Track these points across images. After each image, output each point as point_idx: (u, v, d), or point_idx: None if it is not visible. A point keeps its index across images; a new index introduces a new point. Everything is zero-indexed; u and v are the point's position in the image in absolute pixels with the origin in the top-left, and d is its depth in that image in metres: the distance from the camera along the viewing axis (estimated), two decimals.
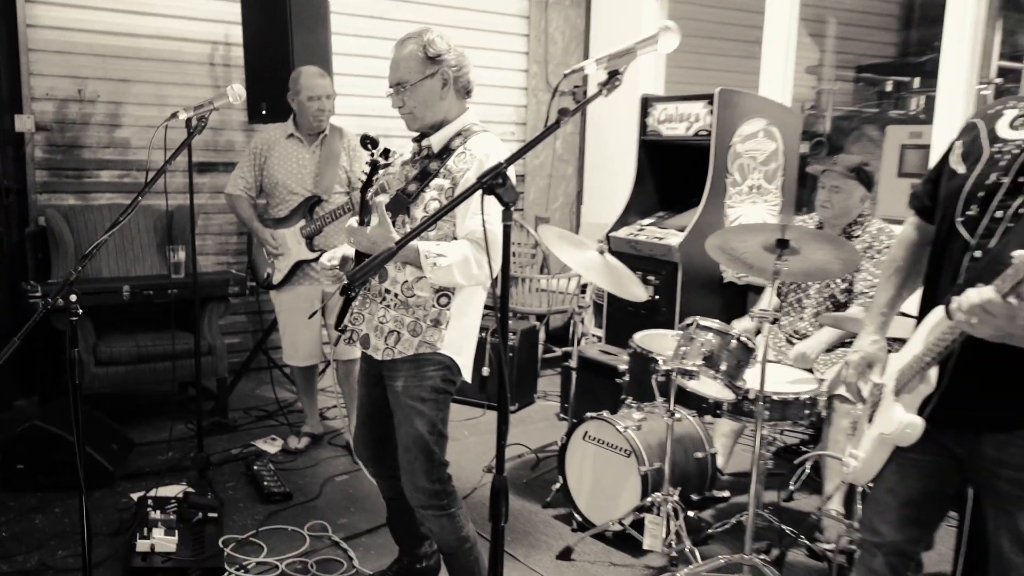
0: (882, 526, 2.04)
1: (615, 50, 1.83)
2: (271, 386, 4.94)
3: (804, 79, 6.86)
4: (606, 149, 6.36)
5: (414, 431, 2.44)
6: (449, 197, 2.35)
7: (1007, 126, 1.87)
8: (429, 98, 2.39)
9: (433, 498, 2.49)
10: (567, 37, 6.45)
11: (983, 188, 1.83)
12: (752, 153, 4.70)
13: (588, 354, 4.21)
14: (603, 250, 3.28)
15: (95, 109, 4.91)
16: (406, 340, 2.43)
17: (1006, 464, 1.82)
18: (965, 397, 1.83)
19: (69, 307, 2.25)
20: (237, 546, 3.17)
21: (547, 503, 3.60)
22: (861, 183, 3.42)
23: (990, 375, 1.79)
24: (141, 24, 4.94)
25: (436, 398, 2.46)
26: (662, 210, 5.09)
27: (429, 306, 2.43)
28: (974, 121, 1.96)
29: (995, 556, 1.90)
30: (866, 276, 3.35)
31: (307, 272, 3.97)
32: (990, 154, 1.86)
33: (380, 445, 2.68)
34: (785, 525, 3.18)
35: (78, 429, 2.30)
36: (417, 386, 2.44)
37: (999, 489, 1.85)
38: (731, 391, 3.03)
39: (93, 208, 4.78)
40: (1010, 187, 1.79)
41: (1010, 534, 1.85)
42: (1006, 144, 1.84)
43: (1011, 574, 1.86)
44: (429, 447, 2.45)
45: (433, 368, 2.44)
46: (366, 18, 5.56)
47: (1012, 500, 1.83)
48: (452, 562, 2.58)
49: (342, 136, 3.97)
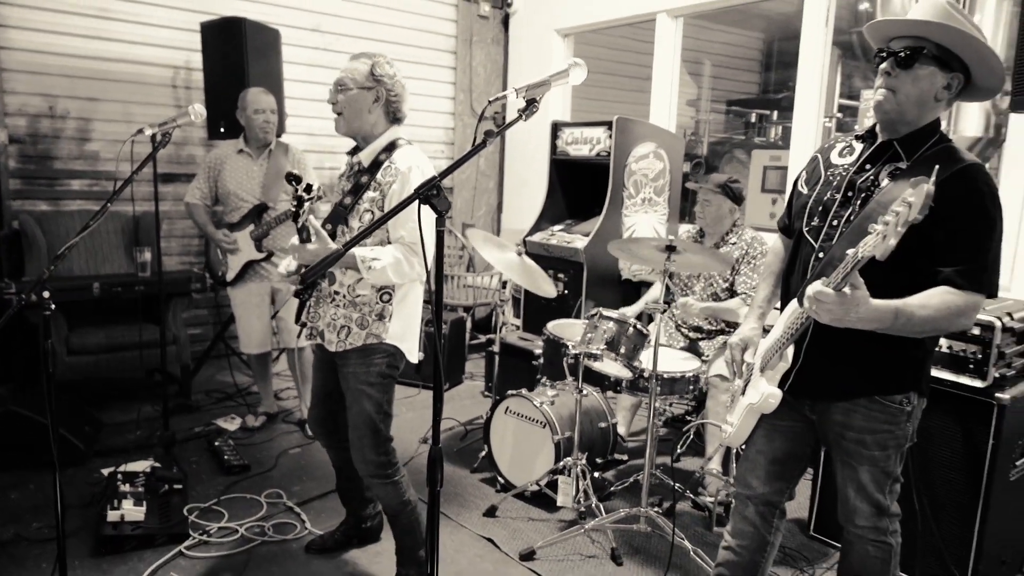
0: (753, 481, 2.09)
1: (532, 81, 1.82)
2: (230, 371, 4.79)
3: (685, 110, 7.02)
4: (522, 166, 6.37)
5: (363, 411, 2.41)
6: (380, 207, 2.33)
7: (837, 155, 1.99)
8: (359, 107, 2.36)
9: (379, 468, 2.46)
10: (488, 70, 6.44)
11: (821, 203, 1.93)
12: (644, 171, 4.78)
13: (508, 340, 4.22)
14: (520, 252, 3.29)
15: (66, 124, 4.67)
16: (355, 333, 2.40)
17: (850, 427, 1.90)
18: (815, 372, 1.90)
19: (42, 303, 2.14)
20: (200, 514, 3.06)
21: (474, 468, 3.59)
22: (728, 197, 3.44)
23: (834, 354, 1.86)
24: (109, 49, 4.72)
25: (382, 382, 2.43)
26: (570, 218, 5.13)
27: (373, 303, 2.39)
28: (815, 154, 2.07)
29: (842, 502, 1.98)
30: (744, 279, 3.39)
31: (257, 270, 3.88)
32: (826, 177, 1.96)
33: (331, 421, 2.64)
34: (674, 482, 3.25)
35: (52, 412, 2.20)
36: (365, 372, 2.41)
37: (845, 448, 1.92)
38: (629, 371, 3.08)
39: (64, 213, 4.55)
40: (841, 200, 1.88)
41: (854, 484, 1.93)
42: (836, 168, 1.95)
43: (854, 516, 1.95)
44: (376, 425, 2.42)
45: (379, 356, 2.41)
46: (313, 49, 5.46)
47: (855, 456, 1.91)
48: (396, 522, 2.54)
49: (287, 151, 3.89)
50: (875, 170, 1.86)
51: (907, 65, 1.77)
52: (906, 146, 1.83)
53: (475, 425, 4.10)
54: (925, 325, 1.70)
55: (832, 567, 2.78)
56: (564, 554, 2.88)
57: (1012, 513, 2.66)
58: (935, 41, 1.76)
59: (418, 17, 6.00)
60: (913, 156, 1.81)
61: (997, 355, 2.53)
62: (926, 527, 2.59)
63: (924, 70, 1.77)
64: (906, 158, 1.82)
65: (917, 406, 1.90)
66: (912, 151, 1.82)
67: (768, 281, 2.18)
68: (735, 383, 2.13)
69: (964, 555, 2.56)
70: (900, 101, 1.80)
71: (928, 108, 1.81)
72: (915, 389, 1.88)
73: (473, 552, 2.89)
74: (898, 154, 1.83)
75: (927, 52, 1.76)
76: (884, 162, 1.85)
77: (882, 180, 1.82)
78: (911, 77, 1.78)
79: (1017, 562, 2.80)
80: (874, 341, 1.77)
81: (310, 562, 2.78)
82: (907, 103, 1.79)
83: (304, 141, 5.28)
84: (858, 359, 1.85)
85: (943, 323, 1.72)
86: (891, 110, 1.81)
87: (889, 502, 1.93)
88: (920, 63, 1.77)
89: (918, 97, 1.79)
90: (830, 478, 2.85)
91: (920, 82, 1.78)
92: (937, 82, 1.79)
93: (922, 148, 1.81)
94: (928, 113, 1.82)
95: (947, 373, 2.61)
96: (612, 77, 6.57)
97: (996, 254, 1.75)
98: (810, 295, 1.63)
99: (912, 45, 1.77)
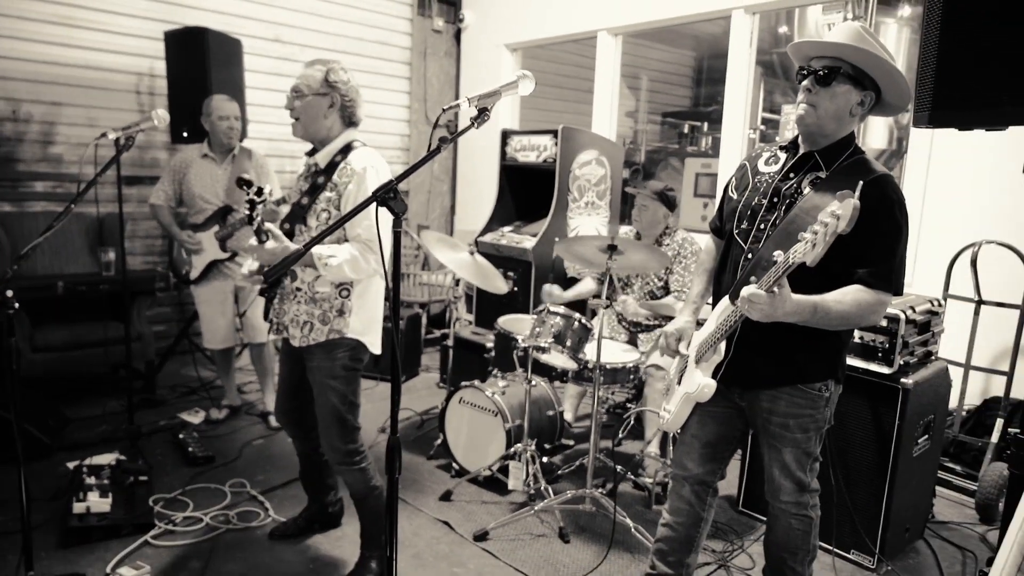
0: (688, 462, 2.12)
1: (484, 91, 1.80)
2: (194, 366, 4.64)
3: (624, 120, 7.09)
4: (474, 171, 6.34)
5: (329, 403, 2.37)
6: (336, 207, 2.28)
7: (764, 163, 2.02)
8: (314, 112, 2.30)
9: (347, 456, 2.41)
10: (441, 81, 6.38)
11: (750, 208, 1.95)
12: (587, 177, 4.79)
13: (462, 335, 4.19)
14: (472, 251, 3.26)
15: (29, 128, 4.43)
16: (318, 329, 2.34)
17: (775, 413, 1.93)
18: (744, 364, 1.93)
19: (5, 301, 2.02)
20: (166, 504, 2.95)
21: (431, 455, 3.55)
22: (663, 204, 3.45)
23: (761, 348, 1.90)
24: (72, 56, 4.50)
25: (346, 375, 2.38)
26: (519, 220, 5.11)
27: (333, 299, 2.34)
28: (744, 162, 2.10)
29: (768, 480, 2.01)
30: (677, 277, 3.42)
31: (220, 269, 3.77)
32: (753, 183, 1.99)
33: (297, 412, 2.58)
34: (616, 464, 3.27)
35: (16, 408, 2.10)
36: (330, 367, 2.35)
37: (771, 431, 1.96)
38: (575, 362, 3.09)
39: (28, 215, 4.33)
40: (768, 205, 1.91)
41: (779, 463, 1.97)
42: (763, 176, 1.98)
43: (779, 492, 1.99)
44: (342, 415, 2.38)
45: (342, 351, 2.36)
46: (273, 59, 5.32)
47: (780, 439, 1.95)
48: (363, 507, 2.48)
49: (250, 156, 3.79)
50: (798, 179, 1.89)
51: (826, 83, 1.82)
52: (825, 157, 1.87)
53: (431, 415, 4.06)
54: (840, 319, 1.74)
55: (759, 539, 2.84)
56: (515, 534, 2.87)
57: (914, 486, 2.76)
58: (850, 62, 1.80)
59: (375, 30, 5.92)
60: (831, 166, 1.85)
61: (902, 344, 2.62)
62: (841, 500, 2.66)
63: (841, 87, 1.82)
64: (825, 168, 1.86)
65: (834, 392, 1.95)
66: (831, 162, 1.86)
67: (701, 278, 2.21)
68: (670, 372, 2.15)
69: (874, 524, 2.65)
70: (820, 115, 1.84)
71: (844, 122, 1.86)
72: (832, 377, 1.93)
73: (430, 534, 2.86)
74: (818, 164, 1.88)
75: (843, 71, 1.81)
76: (806, 171, 1.89)
77: (804, 188, 1.86)
78: (829, 94, 1.82)
79: (918, 529, 2.91)
80: (796, 336, 1.81)
81: (274, 547, 2.71)
82: (826, 117, 1.84)
83: (265, 146, 5.14)
84: (782, 352, 1.88)
85: (855, 318, 1.76)
86: (811, 123, 1.85)
87: (810, 479, 1.98)
88: (837, 81, 1.81)
89: (835, 112, 1.83)
90: (757, 459, 2.91)
91: (837, 98, 1.82)
92: (852, 98, 1.83)
93: (839, 159, 1.86)
94: (844, 127, 1.87)
95: (859, 361, 2.68)
96: (557, 89, 6.58)
97: (902, 257, 1.81)
98: (744, 296, 1.65)
99: (830, 65, 1.82)
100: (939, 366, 2.82)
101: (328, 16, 5.60)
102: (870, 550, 2.66)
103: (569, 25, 5.43)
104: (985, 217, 3.46)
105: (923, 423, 2.71)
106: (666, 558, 2.17)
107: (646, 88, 7.58)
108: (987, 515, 3.05)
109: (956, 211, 3.59)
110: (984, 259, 3.28)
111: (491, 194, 5.23)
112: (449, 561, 2.67)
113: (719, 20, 4.70)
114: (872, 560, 2.67)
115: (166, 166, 3.87)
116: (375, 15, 5.90)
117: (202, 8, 4.93)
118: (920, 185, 3.72)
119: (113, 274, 4.00)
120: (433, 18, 6.22)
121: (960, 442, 3.38)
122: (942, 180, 3.67)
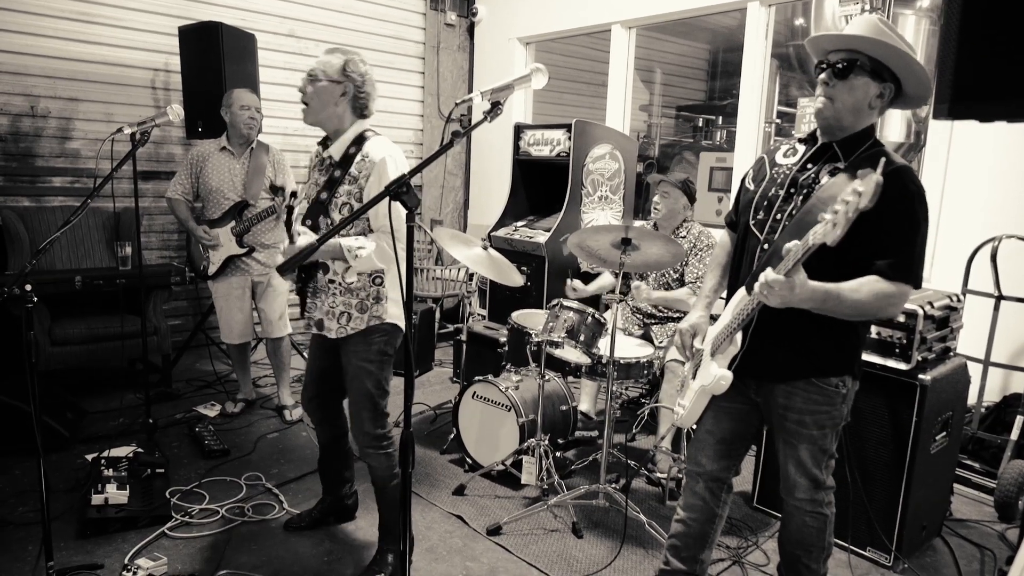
0: (703, 458, 2.11)
1: (497, 85, 1.80)
2: (209, 360, 4.69)
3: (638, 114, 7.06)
4: (487, 165, 6.33)
5: (363, 388, 2.39)
6: (358, 199, 2.28)
7: (782, 155, 2.00)
8: (326, 99, 2.30)
9: (376, 440, 2.43)
10: (455, 75, 6.38)
11: (766, 199, 1.94)
12: (601, 171, 4.78)
13: (475, 329, 4.19)
14: (486, 246, 3.25)
15: (47, 123, 4.48)
16: (357, 318, 2.37)
17: (791, 409, 1.92)
18: (760, 355, 1.92)
19: (24, 296, 2.05)
20: (182, 496, 2.98)
21: (444, 450, 3.57)
22: (685, 194, 3.49)
23: (777, 339, 1.88)
24: (89, 51, 4.54)
25: (381, 359, 2.40)
26: (532, 214, 5.11)
27: (368, 287, 2.37)
28: (762, 155, 2.08)
29: (783, 477, 2.00)
30: (692, 269, 3.42)
31: (238, 264, 3.78)
32: (771, 175, 1.97)
33: (323, 399, 2.62)
34: (630, 460, 3.27)
35: (35, 400, 2.12)
36: (366, 351, 2.38)
37: (786, 427, 1.94)
38: (588, 357, 3.08)
39: (46, 209, 4.38)
40: (784, 196, 1.89)
41: (794, 460, 1.96)
42: (781, 168, 1.96)
43: (794, 489, 1.97)
44: (374, 400, 2.40)
45: (379, 336, 2.39)
46: (288, 54, 5.34)
47: (795, 435, 1.93)
48: (383, 495, 2.49)
49: (268, 151, 3.79)
50: (816, 169, 1.88)
51: (843, 76, 1.79)
52: (844, 148, 1.85)
53: (444, 409, 4.07)
54: (854, 307, 1.72)
55: (773, 535, 2.82)
56: (529, 529, 2.87)
57: (932, 484, 2.73)
58: (868, 54, 1.78)
59: (388, 24, 5.92)
60: (850, 157, 1.83)
61: (920, 340, 2.59)
62: (858, 497, 2.64)
63: (859, 80, 1.79)
64: (844, 159, 1.84)
65: (851, 388, 1.93)
66: (849, 152, 1.84)
67: (715, 272, 2.19)
68: (686, 367, 2.14)
69: (891, 522, 2.63)
70: (837, 108, 1.82)
71: (863, 115, 1.84)
72: (849, 373, 1.91)
73: (444, 528, 2.87)
74: (837, 155, 1.86)
75: (861, 64, 1.79)
76: (824, 162, 1.87)
77: (822, 178, 1.84)
78: (847, 87, 1.80)
79: (935, 527, 2.88)
80: (812, 325, 1.80)
81: (289, 540, 2.73)
82: (843, 110, 1.82)
83: (279, 141, 5.17)
84: (798, 342, 1.87)
85: (872, 309, 1.74)
86: (829, 116, 1.83)
87: (825, 476, 1.96)
88: (855, 74, 1.79)
89: (853, 105, 1.81)
90: (772, 455, 2.89)
91: (855, 91, 1.80)
92: (871, 91, 1.81)
93: (858, 150, 1.84)
94: (863, 119, 1.84)
95: (876, 357, 2.66)
96: (571, 83, 6.56)
97: (922, 249, 1.79)
98: (762, 281, 1.64)
99: (847, 58, 1.79)
100: (958, 362, 2.79)
101: (342, 10, 5.62)
102: (887, 547, 2.64)
103: (582, 18, 5.40)
104: (1006, 211, 3.41)
105: (941, 420, 2.69)
106: (680, 554, 2.17)
107: (660, 82, 7.54)
108: (1006, 513, 3.02)
109: (975, 205, 3.55)
110: (1004, 253, 3.24)
111: (504, 188, 5.23)
112: (463, 555, 2.68)
113: (734, 13, 4.66)
114: (888, 557, 2.65)
115: (183, 160, 3.90)
116: (388, 9, 5.91)
117: (217, 3, 4.96)
118: (939, 179, 3.67)
119: (130, 268, 4.04)
120: (446, 12, 6.21)
121: (979, 439, 3.35)
122: (961, 173, 3.62)
